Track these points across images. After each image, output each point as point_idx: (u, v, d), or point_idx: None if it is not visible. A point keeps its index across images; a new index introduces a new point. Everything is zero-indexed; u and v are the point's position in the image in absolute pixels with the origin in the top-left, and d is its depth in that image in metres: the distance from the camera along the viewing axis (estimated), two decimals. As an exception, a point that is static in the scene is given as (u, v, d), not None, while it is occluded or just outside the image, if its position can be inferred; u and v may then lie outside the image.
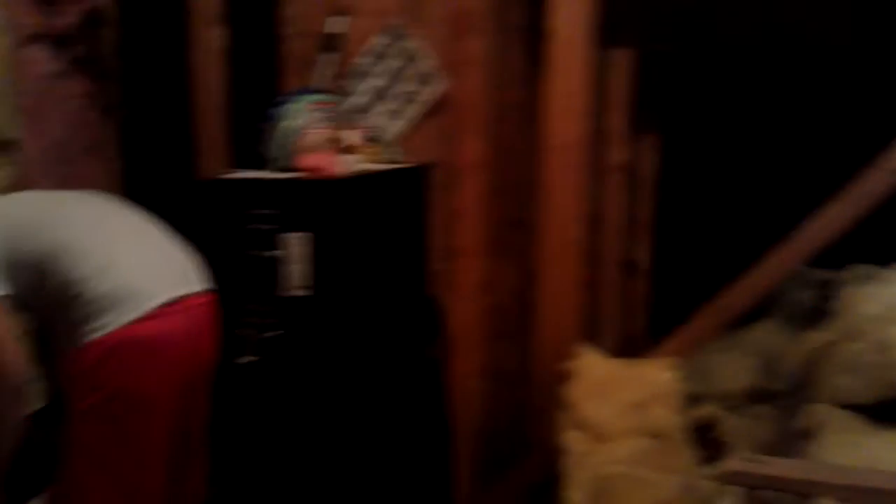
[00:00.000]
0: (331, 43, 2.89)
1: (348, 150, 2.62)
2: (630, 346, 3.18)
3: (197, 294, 2.05)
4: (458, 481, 2.92)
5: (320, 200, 2.36)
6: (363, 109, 2.89)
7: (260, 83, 2.97)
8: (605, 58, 3.05)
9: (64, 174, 2.95)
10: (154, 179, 3.01)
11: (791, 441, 2.60)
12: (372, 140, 2.76)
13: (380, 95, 2.89)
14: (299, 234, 2.37)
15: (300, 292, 2.38)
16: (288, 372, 2.39)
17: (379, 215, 2.56)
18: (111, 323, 1.87)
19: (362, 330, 2.44)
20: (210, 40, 2.95)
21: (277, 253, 2.39)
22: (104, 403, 1.86)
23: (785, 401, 2.89)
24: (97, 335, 1.87)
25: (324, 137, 2.57)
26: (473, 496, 2.93)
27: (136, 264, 1.96)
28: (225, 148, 2.94)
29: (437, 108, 2.88)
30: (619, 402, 2.63)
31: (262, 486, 2.42)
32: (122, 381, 1.87)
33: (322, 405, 2.40)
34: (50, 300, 1.96)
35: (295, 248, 2.38)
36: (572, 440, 2.59)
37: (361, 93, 2.90)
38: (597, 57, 2.81)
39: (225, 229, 2.45)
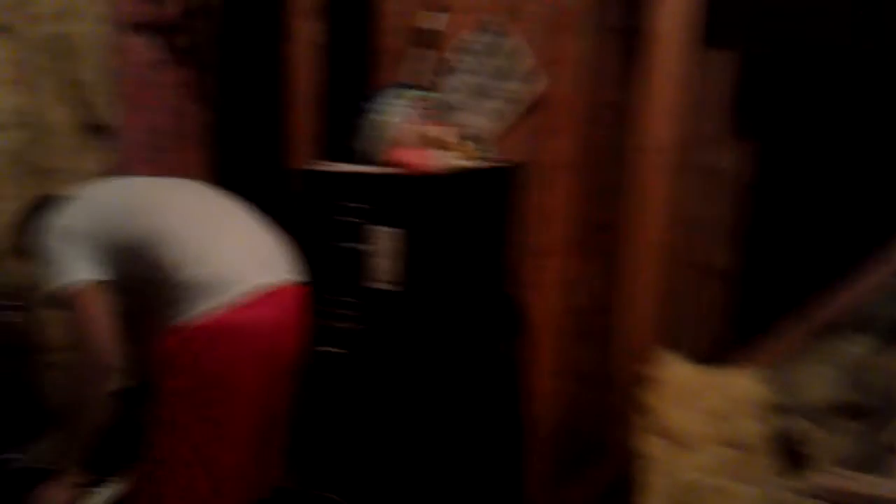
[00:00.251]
0: (426, 39, 2.90)
1: (440, 146, 2.62)
2: (711, 353, 3.12)
3: (287, 284, 2.08)
4: (531, 480, 2.92)
5: (412, 196, 2.38)
6: (456, 106, 2.89)
7: (353, 77, 3.00)
8: (705, 59, 2.99)
9: (159, 161, 3.02)
10: (245, 169, 3.07)
11: (878, 458, 2.52)
12: (464, 137, 2.76)
13: (473, 93, 2.89)
14: (389, 229, 2.39)
15: (387, 286, 2.40)
16: (370, 365, 2.42)
17: (467, 212, 2.56)
18: (203, 308, 1.92)
19: (445, 326, 2.45)
20: (306, 33, 2.98)
21: (366, 246, 2.41)
22: (193, 386, 1.91)
23: (873, 416, 2.81)
24: (189, 320, 1.92)
25: (417, 133, 2.58)
26: (546, 495, 2.93)
27: (230, 252, 2.01)
28: (316, 140, 2.97)
29: (530, 107, 2.87)
30: (701, 409, 2.59)
31: (338, 475, 2.45)
32: (211, 366, 1.91)
33: (401, 398, 2.42)
34: (144, 284, 2.01)
35: (383, 243, 2.40)
36: (651, 445, 2.56)
37: (455, 89, 2.90)
38: (696, 58, 2.76)
39: (315, 220, 2.49)
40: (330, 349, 2.27)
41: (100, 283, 1.97)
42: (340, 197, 2.45)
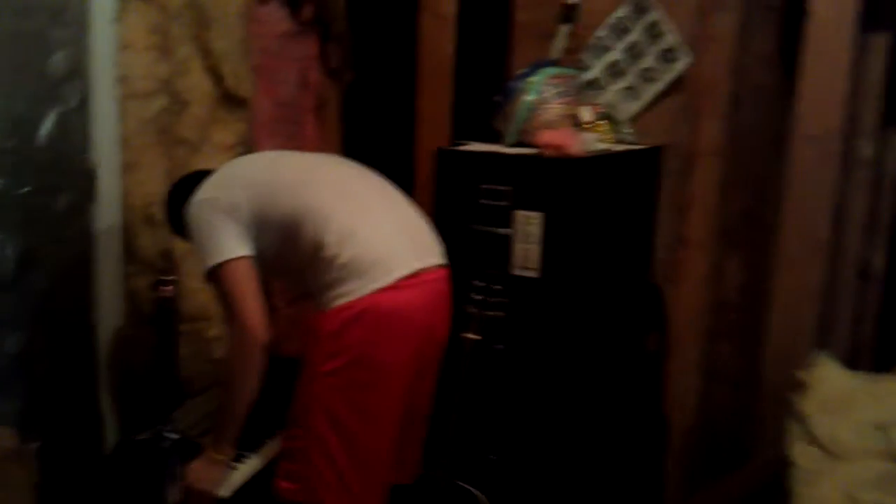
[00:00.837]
0: (568, 14, 2.76)
1: (583, 127, 2.50)
2: (859, 357, 2.91)
3: (434, 268, 1.99)
4: (667, 482, 2.78)
5: (557, 179, 2.26)
6: (596, 85, 2.75)
7: (489, 52, 2.88)
8: (862, 43, 2.77)
9: (289, 134, 2.98)
10: (375, 146, 3.00)
11: None
12: (605, 118, 2.62)
13: (617, 71, 2.74)
14: (532, 213, 2.28)
15: (528, 273, 2.29)
16: (509, 353, 2.32)
17: (612, 198, 2.43)
18: (356, 290, 1.85)
19: (586, 316, 2.34)
20: (441, 5, 2.88)
21: (506, 231, 2.31)
22: (345, 368, 1.85)
23: None
24: (342, 301, 1.86)
25: (561, 113, 2.46)
26: (682, 498, 2.79)
27: (381, 233, 1.93)
28: (449, 118, 2.87)
29: (675, 88, 2.71)
30: (859, 420, 2.40)
31: (476, 467, 2.37)
32: (363, 349, 1.85)
33: (539, 389, 2.32)
34: (292, 262, 1.96)
35: (526, 227, 2.29)
36: (803, 455, 2.39)
37: (596, 67, 2.76)
38: (856, 42, 2.55)
39: (453, 202, 2.40)
40: (467, 336, 2.17)
41: (251, 259, 1.92)
42: (480, 179, 2.35)
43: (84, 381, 2.39)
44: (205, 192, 1.98)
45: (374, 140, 3.04)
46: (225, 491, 1.94)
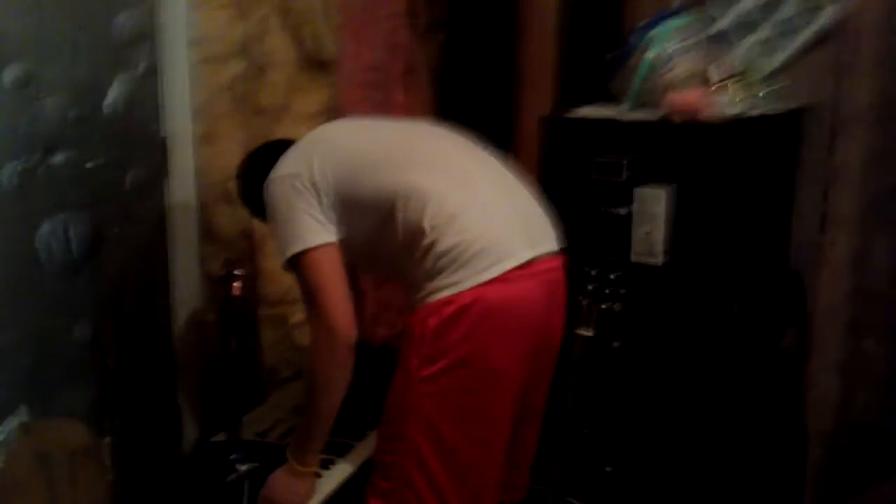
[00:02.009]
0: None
1: (714, 87, 2.17)
2: None
3: (549, 255, 1.72)
4: (805, 496, 2.46)
5: (686, 150, 1.96)
6: (729, 39, 2.40)
7: (601, 3, 2.58)
8: None
9: (377, 101, 2.77)
10: (474, 112, 2.74)
11: None
12: (737, 77, 2.28)
13: (750, 22, 2.39)
14: (656, 190, 1.98)
15: (650, 260, 2.00)
16: (628, 351, 2.04)
17: (747, 172, 2.11)
18: (458, 283, 1.59)
19: (716, 309, 2.03)
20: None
21: (627, 210, 2.02)
22: (446, 374, 1.60)
23: None
24: (442, 296, 1.60)
25: (689, 72, 2.15)
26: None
27: (488, 215, 1.66)
28: (555, 80, 2.58)
29: (819, 41, 2.34)
30: None
31: (588, 478, 2.11)
32: (467, 351, 1.59)
33: (661, 392, 2.04)
34: (385, 251, 1.71)
35: (648, 206, 2.00)
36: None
37: (728, 19, 2.41)
38: None
39: (564, 178, 2.12)
40: (579, 332, 1.90)
41: (337, 245, 1.69)
42: (594, 150, 2.09)
43: (160, 372, 2.25)
44: (284, 166, 1.74)
45: (470, 107, 2.80)
46: None
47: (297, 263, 1.67)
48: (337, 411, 1.68)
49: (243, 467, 1.79)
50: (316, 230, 1.67)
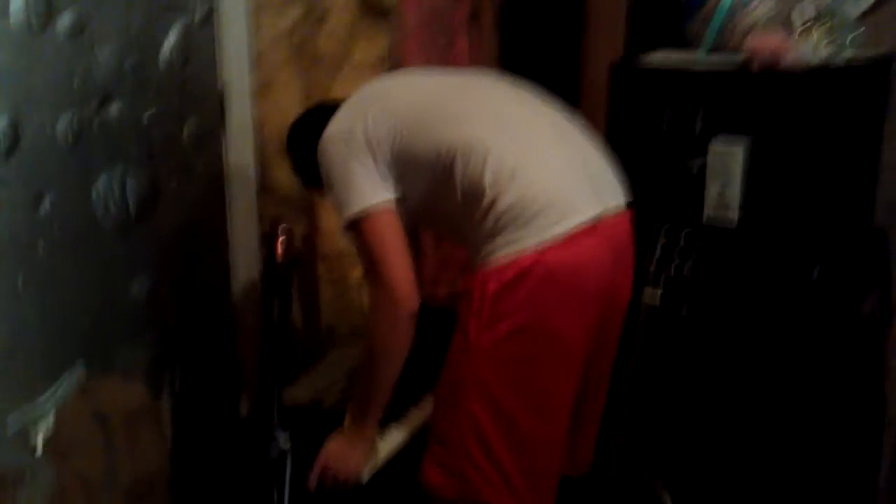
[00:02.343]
0: None
1: (799, 32, 2.02)
2: None
3: (617, 211, 1.63)
4: (882, 477, 2.33)
5: (768, 99, 1.83)
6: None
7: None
8: None
9: (440, 48, 2.67)
10: (536, 59, 2.63)
11: None
12: (823, 20, 2.12)
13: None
14: (733, 144, 1.86)
15: (725, 219, 1.89)
16: (697, 320, 1.94)
17: (831, 122, 1.96)
18: (520, 242, 1.51)
19: (795, 275, 1.91)
20: None
21: (701, 165, 1.90)
22: (507, 339, 1.53)
23: None
24: (503, 256, 1.52)
25: (771, 14, 2.00)
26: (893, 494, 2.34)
27: (552, 171, 1.57)
28: (626, 23, 2.44)
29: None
30: None
31: (660, 454, 2.03)
32: (530, 315, 1.52)
33: (731, 365, 1.94)
34: (443, 209, 1.64)
35: (725, 161, 1.88)
36: None
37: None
38: None
39: (634, 129, 2.01)
40: (647, 297, 1.81)
41: (395, 205, 1.62)
42: (666, 99, 1.97)
43: (220, 330, 2.22)
44: (338, 122, 1.68)
45: (536, 54, 2.68)
46: (364, 476, 1.69)
47: (357, 226, 1.61)
48: (396, 379, 1.64)
49: (285, 444, 1.77)
50: (374, 189, 1.60)
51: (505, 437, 1.56)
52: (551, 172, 1.56)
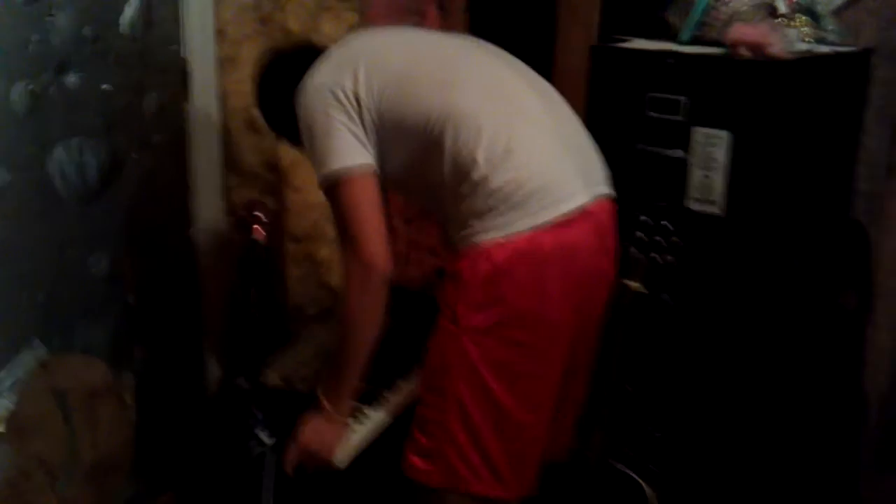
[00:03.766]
0: None
1: (779, 21, 2.00)
2: None
3: (602, 198, 1.59)
4: (861, 464, 2.33)
5: (752, 88, 1.79)
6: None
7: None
8: None
9: (412, 25, 2.58)
10: (508, 39, 2.56)
11: None
12: (804, 10, 2.10)
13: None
14: (716, 131, 1.83)
15: (708, 208, 1.86)
16: (679, 307, 1.91)
17: (814, 114, 1.95)
18: (512, 224, 1.46)
19: (776, 265, 1.89)
20: None
21: (683, 153, 1.87)
22: (498, 322, 1.48)
23: None
24: (494, 238, 1.47)
25: (754, 2, 1.97)
26: (874, 480, 2.34)
27: (545, 150, 1.52)
28: (600, 4, 2.38)
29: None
30: None
31: (634, 442, 2.00)
32: (521, 301, 1.47)
33: (713, 352, 1.91)
34: (427, 180, 1.57)
35: (707, 149, 1.85)
36: None
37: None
38: None
39: (614, 116, 1.96)
40: (628, 285, 1.77)
41: (375, 170, 1.55)
42: (648, 85, 1.91)
43: (183, 308, 2.14)
44: (324, 73, 1.58)
45: (507, 34, 2.57)
46: (342, 461, 1.62)
47: (333, 185, 1.53)
48: (370, 351, 1.57)
49: (266, 440, 1.70)
50: (356, 149, 1.53)
51: (492, 423, 1.52)
52: (546, 154, 1.52)
